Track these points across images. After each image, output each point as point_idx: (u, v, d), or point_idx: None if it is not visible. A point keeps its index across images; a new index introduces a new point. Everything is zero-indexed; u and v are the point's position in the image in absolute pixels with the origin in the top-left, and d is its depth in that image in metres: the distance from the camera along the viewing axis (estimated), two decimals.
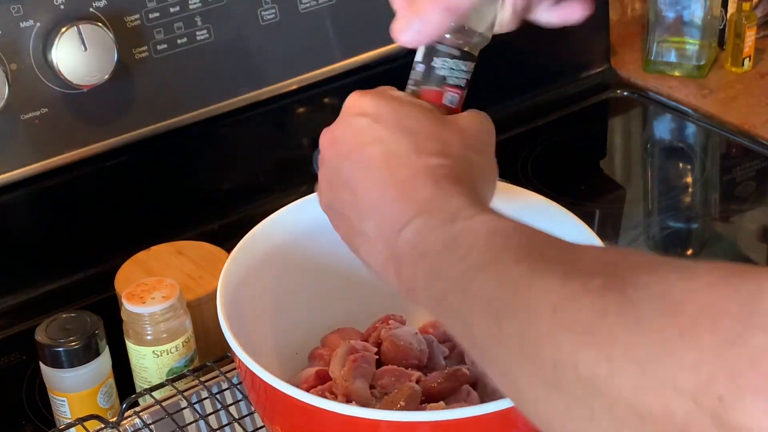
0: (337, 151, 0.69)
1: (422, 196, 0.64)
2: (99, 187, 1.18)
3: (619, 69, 1.54)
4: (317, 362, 0.88)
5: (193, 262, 1.03)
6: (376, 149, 0.67)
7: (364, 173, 0.67)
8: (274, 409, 0.77)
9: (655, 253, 1.24)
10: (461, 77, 0.73)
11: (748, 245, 1.26)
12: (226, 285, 0.82)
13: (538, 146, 1.41)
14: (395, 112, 0.69)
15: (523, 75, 1.48)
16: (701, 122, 1.45)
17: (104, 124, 1.15)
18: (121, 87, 1.14)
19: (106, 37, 1.10)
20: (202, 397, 0.89)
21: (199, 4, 1.17)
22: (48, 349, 0.91)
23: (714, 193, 1.36)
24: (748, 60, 1.50)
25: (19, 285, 1.16)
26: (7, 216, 1.15)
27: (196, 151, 1.24)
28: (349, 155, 0.68)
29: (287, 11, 1.23)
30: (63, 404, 0.93)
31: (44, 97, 1.11)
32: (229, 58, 1.20)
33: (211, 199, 1.25)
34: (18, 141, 1.11)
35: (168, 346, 0.92)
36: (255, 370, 0.74)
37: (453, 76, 0.73)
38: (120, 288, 1.00)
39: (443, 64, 0.72)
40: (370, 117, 0.68)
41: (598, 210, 1.31)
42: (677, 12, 1.49)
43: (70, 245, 1.18)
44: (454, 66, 0.72)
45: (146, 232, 1.14)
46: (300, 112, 1.27)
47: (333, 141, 0.70)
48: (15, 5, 1.07)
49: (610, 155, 1.48)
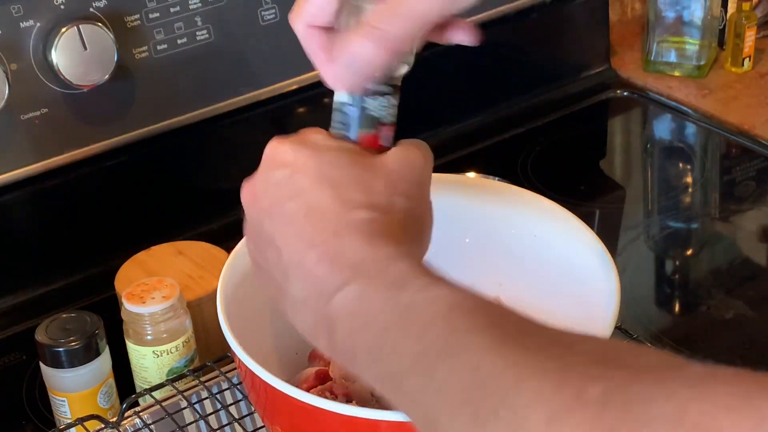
0: (258, 208, 0.65)
1: (354, 257, 0.58)
2: (99, 187, 1.18)
3: (619, 69, 1.54)
4: (317, 362, 0.88)
5: (193, 262, 1.03)
6: (297, 204, 0.62)
7: (286, 231, 0.62)
8: (274, 409, 0.77)
9: (655, 253, 1.24)
10: (394, 113, 0.68)
11: (748, 245, 1.26)
12: (226, 285, 0.82)
13: (538, 146, 1.41)
14: (316, 160, 0.63)
15: (523, 75, 1.48)
16: (701, 122, 1.45)
17: (104, 124, 1.15)
18: (121, 87, 1.14)
19: (106, 37, 1.10)
20: (202, 397, 0.89)
21: (199, 4, 1.17)
22: (48, 349, 0.91)
23: (714, 193, 1.36)
24: (748, 60, 1.50)
25: (19, 285, 1.16)
26: (7, 216, 1.15)
27: (196, 151, 1.24)
28: (270, 211, 0.63)
29: (287, 11, 1.21)
30: (63, 404, 0.93)
31: (44, 97, 1.11)
32: (229, 58, 1.21)
33: (211, 199, 1.25)
34: (18, 141, 1.11)
35: (168, 346, 0.92)
36: (255, 370, 0.74)
37: (387, 114, 0.68)
38: (120, 288, 1.00)
39: (376, 105, 0.67)
40: (290, 168, 0.63)
41: (598, 210, 1.31)
42: (677, 12, 1.49)
43: (70, 245, 1.18)
44: (386, 103, 0.67)
45: (146, 232, 1.14)
46: (300, 112, 1.27)
47: (253, 196, 0.65)
48: (15, 5, 1.07)
49: (610, 155, 1.48)
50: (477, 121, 1.43)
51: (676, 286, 1.22)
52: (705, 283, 1.20)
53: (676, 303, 1.19)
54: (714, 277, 1.21)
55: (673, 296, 1.21)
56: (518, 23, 1.42)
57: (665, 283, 1.22)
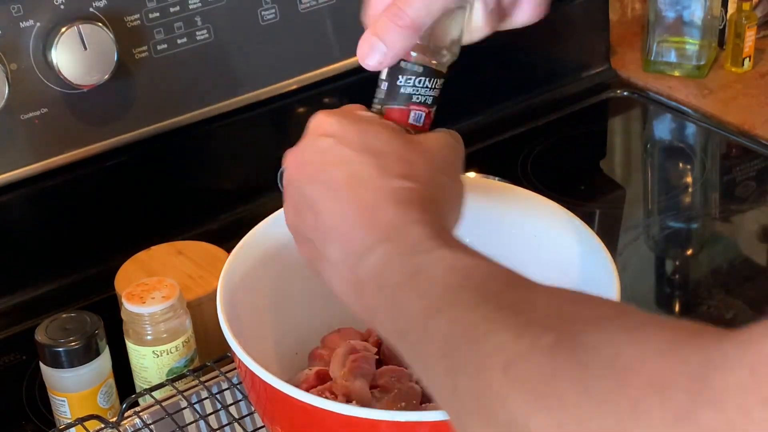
0: (301, 173, 0.68)
1: (384, 221, 0.63)
2: (99, 187, 1.18)
3: (619, 69, 1.54)
4: (317, 362, 0.88)
5: (193, 262, 1.03)
6: (340, 171, 0.66)
7: (327, 196, 0.66)
8: (274, 409, 0.77)
9: (655, 253, 1.24)
10: (427, 95, 0.72)
11: (748, 245, 1.26)
12: (226, 285, 0.82)
13: (538, 146, 1.41)
14: (361, 132, 0.68)
15: (523, 75, 1.48)
16: (701, 122, 1.45)
17: (104, 124, 1.15)
18: (121, 87, 1.14)
19: (106, 37, 1.10)
20: (202, 397, 0.89)
21: (199, 4, 1.17)
22: (48, 349, 0.91)
23: (714, 193, 1.36)
24: (748, 60, 1.50)
25: (19, 285, 1.16)
26: (7, 216, 1.15)
27: (196, 151, 1.24)
28: (313, 177, 0.67)
29: (287, 11, 1.23)
30: (63, 404, 0.93)
31: (44, 97, 1.11)
32: (229, 58, 1.21)
33: (211, 199, 1.25)
34: (18, 141, 1.11)
35: (168, 346, 0.92)
36: (255, 370, 0.74)
37: (418, 94, 0.71)
38: (120, 288, 1.00)
39: (407, 82, 0.71)
40: (335, 138, 0.67)
41: (598, 210, 1.31)
42: (677, 12, 1.49)
43: (70, 245, 1.18)
44: (418, 83, 0.71)
45: (146, 232, 1.15)
46: (300, 112, 1.27)
47: (297, 162, 0.69)
48: (15, 5, 1.07)
49: (610, 155, 1.48)
50: (477, 121, 1.43)
51: (676, 286, 1.22)
52: (705, 283, 1.20)
53: (676, 303, 1.19)
54: (714, 277, 1.21)
55: (673, 296, 1.21)
56: None
57: (665, 283, 1.22)
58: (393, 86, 0.71)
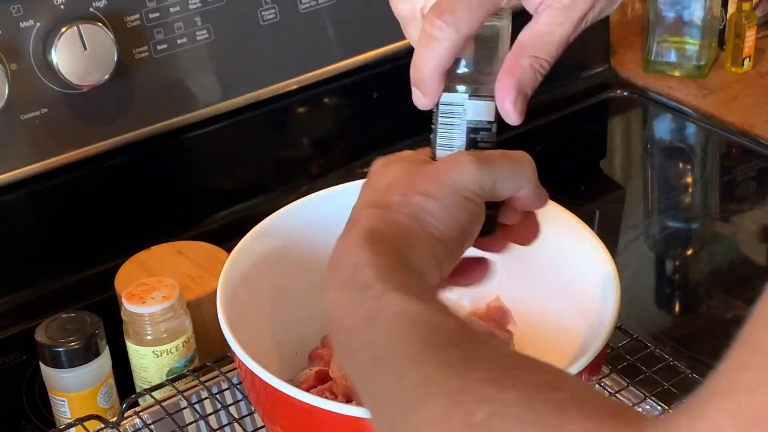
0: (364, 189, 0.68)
1: (342, 258, 0.62)
2: (99, 187, 1.18)
3: (619, 69, 1.54)
4: (317, 362, 0.88)
5: (193, 262, 1.03)
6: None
7: None
8: (274, 409, 0.77)
9: (655, 253, 1.24)
10: (488, 120, 0.74)
11: (748, 245, 1.26)
12: (226, 285, 0.82)
13: (538, 146, 1.41)
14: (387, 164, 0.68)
15: None
16: (701, 122, 1.45)
17: (104, 124, 1.15)
18: (121, 87, 1.14)
19: (106, 37, 1.10)
20: (202, 397, 0.89)
21: (199, 4, 1.17)
22: (48, 349, 0.91)
23: (714, 193, 1.36)
24: (748, 60, 1.50)
25: (19, 285, 1.16)
26: (7, 216, 1.15)
27: (196, 151, 1.24)
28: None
29: (287, 11, 1.23)
30: (63, 404, 0.93)
31: (44, 97, 1.11)
32: (229, 58, 1.21)
33: (211, 199, 1.25)
34: (18, 141, 1.11)
35: (168, 346, 0.92)
36: (255, 370, 0.74)
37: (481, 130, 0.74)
38: (120, 288, 1.00)
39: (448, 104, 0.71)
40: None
41: (598, 210, 1.31)
42: (677, 12, 1.49)
43: (70, 245, 1.18)
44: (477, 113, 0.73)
45: (146, 232, 1.14)
46: (300, 112, 1.27)
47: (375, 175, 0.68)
48: (15, 5, 1.07)
49: (610, 155, 1.48)
50: None
51: (676, 286, 1.22)
52: (705, 283, 1.20)
53: (676, 303, 1.19)
54: (714, 277, 1.21)
55: (673, 296, 1.21)
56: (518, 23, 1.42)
57: (665, 283, 1.22)
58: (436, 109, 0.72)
